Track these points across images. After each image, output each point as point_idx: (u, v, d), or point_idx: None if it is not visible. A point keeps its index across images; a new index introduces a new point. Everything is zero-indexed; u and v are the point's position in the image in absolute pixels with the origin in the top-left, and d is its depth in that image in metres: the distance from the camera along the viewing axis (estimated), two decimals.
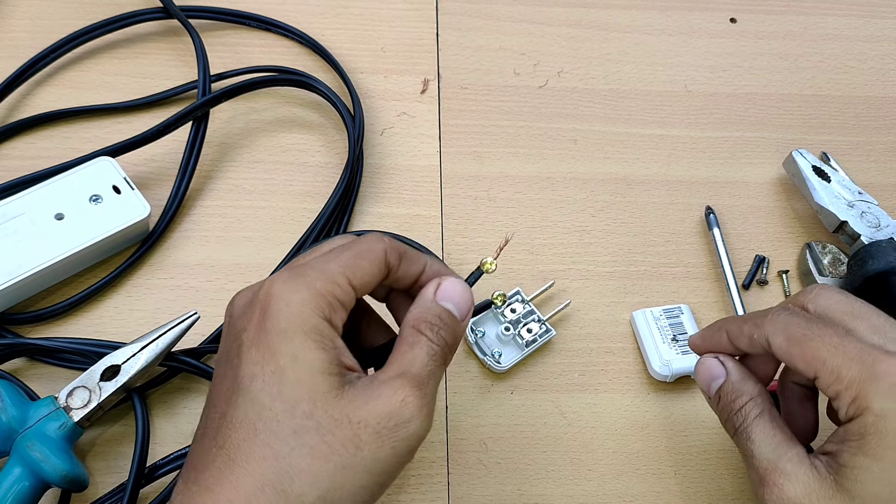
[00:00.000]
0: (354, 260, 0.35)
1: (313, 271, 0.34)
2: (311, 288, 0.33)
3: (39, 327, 0.50)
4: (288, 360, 0.32)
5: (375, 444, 0.32)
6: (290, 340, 0.32)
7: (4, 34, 0.60)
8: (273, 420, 0.32)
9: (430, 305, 0.37)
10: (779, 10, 0.68)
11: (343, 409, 0.32)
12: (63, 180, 0.51)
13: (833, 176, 0.57)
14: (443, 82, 0.62)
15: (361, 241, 0.36)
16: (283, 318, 0.32)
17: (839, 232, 0.56)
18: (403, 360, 0.35)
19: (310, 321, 0.33)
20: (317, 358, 0.32)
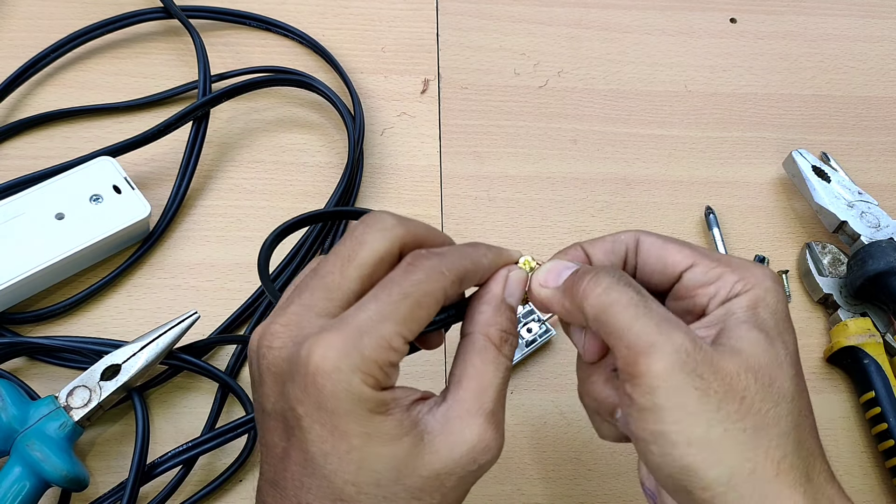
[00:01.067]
0: (412, 313, 0.31)
1: (368, 340, 0.30)
2: (367, 364, 0.30)
3: (40, 327, 0.50)
4: (360, 439, 0.30)
5: (459, 489, 0.32)
6: (357, 420, 0.30)
7: (4, 34, 0.60)
8: (359, 493, 0.31)
9: (502, 307, 0.34)
10: (779, 11, 0.68)
11: (428, 466, 0.31)
12: (63, 180, 0.51)
13: (833, 176, 0.57)
14: (443, 82, 0.62)
15: (420, 282, 0.32)
16: (345, 400, 0.30)
17: (839, 232, 0.56)
18: (479, 386, 0.32)
19: (373, 398, 0.30)
20: (388, 428, 0.31)
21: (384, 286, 0.32)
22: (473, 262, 0.34)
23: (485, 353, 0.33)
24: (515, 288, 0.35)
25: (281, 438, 0.32)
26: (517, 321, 0.35)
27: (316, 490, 0.31)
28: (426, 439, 0.31)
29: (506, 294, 0.35)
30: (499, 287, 0.35)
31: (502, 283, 0.35)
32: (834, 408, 0.53)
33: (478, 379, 0.33)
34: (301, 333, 0.31)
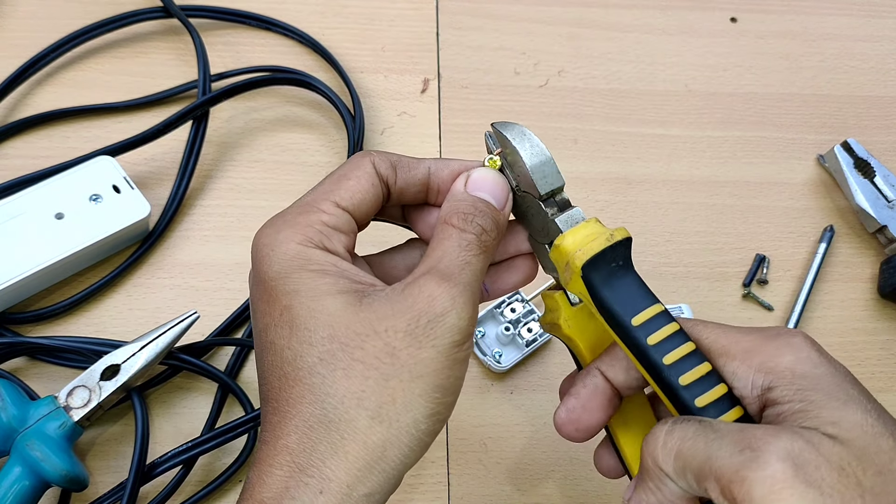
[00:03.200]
0: (337, 183, 0.33)
1: (292, 209, 0.33)
2: (293, 224, 0.32)
3: (40, 326, 0.50)
4: (290, 297, 0.30)
5: (413, 347, 0.30)
6: (285, 279, 0.31)
7: (4, 34, 0.60)
8: (296, 357, 0.30)
9: (462, 197, 0.34)
10: (779, 10, 0.68)
11: (364, 321, 0.30)
12: (63, 179, 0.51)
13: (878, 171, 0.58)
14: (443, 82, 0.62)
15: (345, 164, 0.34)
16: (274, 262, 0.31)
17: (878, 234, 0.57)
18: (430, 258, 0.32)
19: (300, 254, 0.31)
20: (319, 284, 0.30)
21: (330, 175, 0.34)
22: (409, 157, 0.35)
23: (441, 234, 0.33)
24: (479, 183, 0.34)
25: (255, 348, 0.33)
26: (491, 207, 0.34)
27: (267, 373, 0.31)
28: (366, 302, 0.30)
29: (470, 188, 0.34)
30: (458, 184, 0.34)
31: (462, 180, 0.34)
32: None
33: (432, 253, 0.32)
34: None
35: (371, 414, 0.29)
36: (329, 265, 0.31)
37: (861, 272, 0.58)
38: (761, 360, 0.31)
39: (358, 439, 0.29)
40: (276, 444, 0.30)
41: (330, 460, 0.29)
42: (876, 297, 0.57)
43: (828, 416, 0.29)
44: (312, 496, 0.29)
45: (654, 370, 0.32)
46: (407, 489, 0.48)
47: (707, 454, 0.29)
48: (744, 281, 0.56)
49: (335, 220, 0.32)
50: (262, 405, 0.32)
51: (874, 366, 0.55)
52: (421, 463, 0.48)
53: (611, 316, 0.32)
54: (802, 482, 0.27)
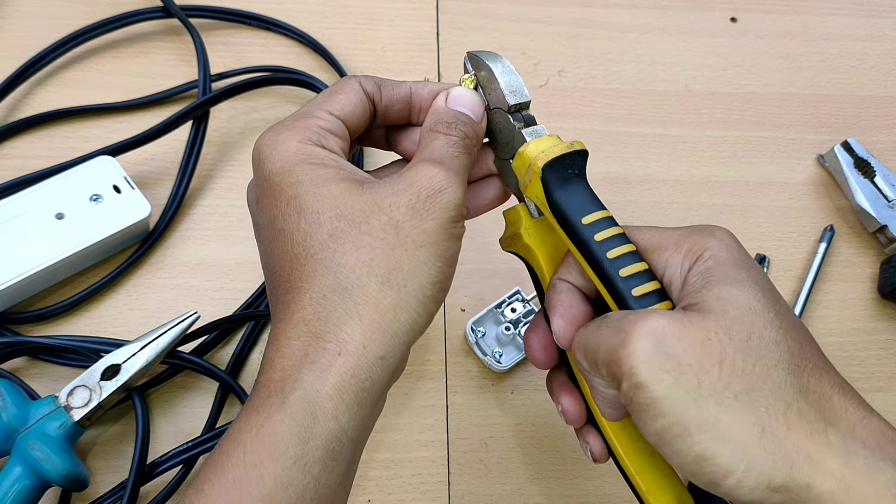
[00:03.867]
0: (328, 97, 0.35)
1: (289, 118, 0.35)
2: (290, 128, 0.34)
3: (40, 326, 0.50)
4: (295, 188, 0.33)
5: (415, 219, 0.32)
6: (289, 173, 0.33)
7: (5, 34, 0.60)
8: (306, 238, 0.32)
9: (444, 110, 0.36)
10: (779, 10, 0.68)
11: (368, 200, 0.32)
12: (63, 179, 0.51)
13: (878, 170, 0.57)
14: (443, 82, 0.62)
15: (333, 85, 0.37)
16: (276, 159, 0.33)
17: (879, 233, 0.57)
18: (422, 153, 0.35)
19: (301, 150, 0.33)
20: (321, 174, 0.33)
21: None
22: (395, 80, 0.37)
23: (429, 137, 0.35)
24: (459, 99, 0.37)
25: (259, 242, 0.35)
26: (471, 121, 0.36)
27: (279, 258, 0.33)
28: (368, 186, 0.33)
29: (450, 104, 0.37)
30: (440, 100, 0.37)
31: (443, 97, 0.37)
32: None
33: (423, 150, 0.35)
34: None
35: (381, 279, 0.31)
36: (329, 159, 0.34)
37: (861, 272, 0.58)
38: (687, 247, 0.34)
39: (371, 303, 0.31)
40: (291, 319, 0.32)
41: (345, 324, 0.31)
42: (876, 297, 0.57)
43: (717, 293, 0.31)
44: (331, 359, 0.31)
45: (599, 265, 0.34)
46: (407, 489, 0.48)
47: (597, 343, 0.32)
48: None
49: (330, 124, 0.35)
50: (272, 293, 0.34)
51: (874, 366, 0.55)
52: (421, 463, 0.49)
53: (563, 216, 0.34)
54: (661, 354, 0.29)
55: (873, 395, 0.54)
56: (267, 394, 0.30)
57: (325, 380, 0.30)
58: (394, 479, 0.48)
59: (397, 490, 0.48)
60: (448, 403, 0.51)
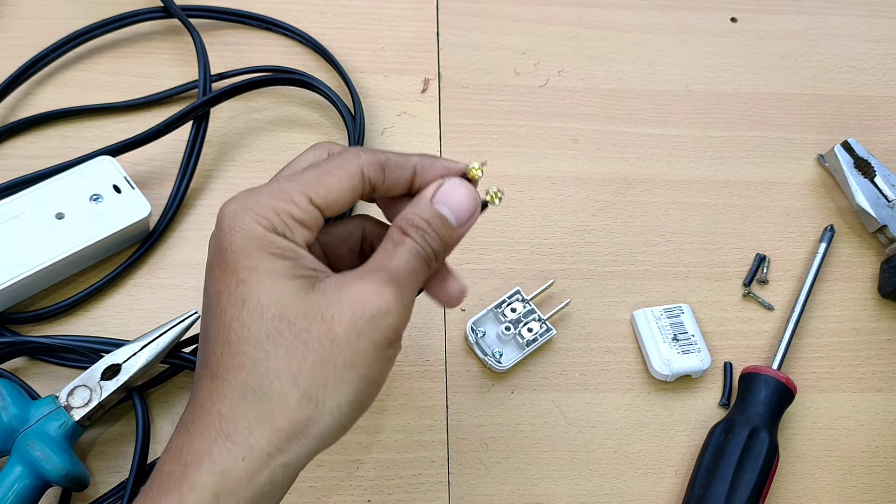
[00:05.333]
0: (318, 177, 0.34)
1: (268, 189, 0.34)
2: (262, 207, 0.33)
3: (40, 326, 0.50)
4: (248, 272, 0.32)
5: (352, 336, 0.32)
6: (246, 255, 0.32)
7: (5, 34, 0.60)
8: (243, 329, 0.32)
9: (423, 207, 0.35)
10: (779, 10, 0.68)
11: (314, 305, 0.32)
12: (63, 179, 0.51)
13: (878, 170, 0.57)
14: (443, 82, 0.62)
15: (334, 158, 0.35)
16: (237, 237, 0.32)
17: (879, 233, 0.57)
18: (382, 257, 0.34)
19: (263, 237, 0.32)
20: (277, 265, 0.32)
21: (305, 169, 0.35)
22: (397, 154, 0.36)
23: (395, 237, 0.35)
24: (447, 197, 0.36)
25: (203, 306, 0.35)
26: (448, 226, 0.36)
27: (212, 338, 0.33)
28: (317, 287, 0.33)
29: (435, 201, 0.35)
30: (427, 191, 0.36)
31: (432, 188, 0.36)
32: None
33: (383, 253, 0.34)
34: None
35: (302, 393, 0.32)
36: (289, 251, 0.33)
37: (861, 272, 0.58)
38: None
39: (286, 414, 0.32)
40: (208, 410, 0.32)
41: (256, 430, 0.31)
42: (876, 297, 0.57)
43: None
44: (234, 462, 0.31)
45: None
46: (407, 489, 0.48)
47: None
48: (744, 281, 0.56)
49: (304, 215, 0.33)
50: (199, 366, 0.34)
51: (874, 366, 0.55)
52: (421, 463, 0.49)
53: None
54: None
55: (873, 395, 0.54)
56: (166, 489, 0.31)
57: (224, 483, 0.31)
58: (394, 479, 0.48)
59: (397, 490, 0.48)
60: (448, 403, 0.51)
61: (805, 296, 0.55)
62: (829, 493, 0.51)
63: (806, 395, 0.53)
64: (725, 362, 0.54)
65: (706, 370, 0.52)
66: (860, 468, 0.52)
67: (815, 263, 0.57)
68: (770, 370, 0.51)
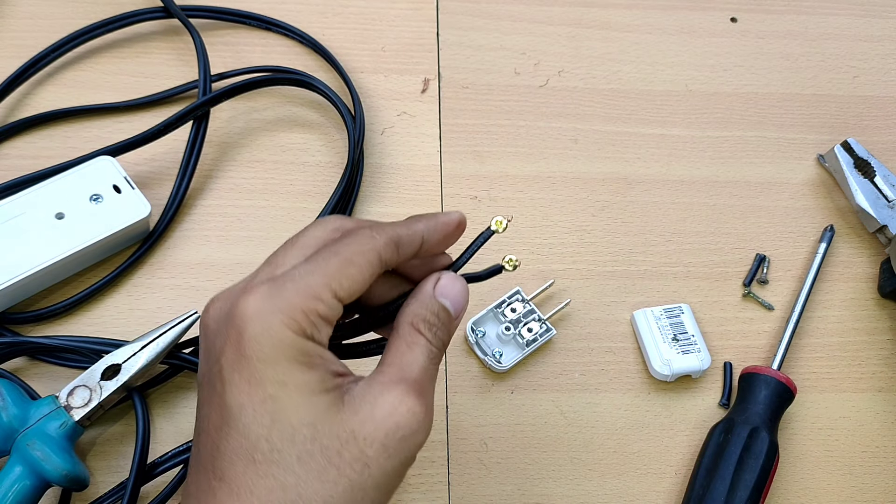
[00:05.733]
0: (341, 269, 0.32)
1: (293, 285, 0.31)
2: (290, 307, 0.31)
3: (40, 326, 0.50)
4: (277, 388, 0.30)
5: (383, 459, 0.31)
6: (274, 366, 0.30)
7: (5, 34, 0.60)
8: (273, 451, 0.30)
9: (429, 302, 0.35)
10: (779, 10, 0.68)
11: (346, 425, 0.31)
12: (63, 180, 0.51)
13: (878, 170, 0.57)
14: (443, 82, 0.62)
15: (351, 242, 0.33)
16: (265, 344, 0.30)
17: (879, 233, 0.57)
18: (402, 363, 0.33)
19: (294, 345, 0.30)
20: (308, 380, 0.31)
21: (319, 251, 0.33)
22: (407, 227, 0.35)
23: (409, 337, 0.34)
24: (446, 290, 0.36)
25: (204, 404, 0.32)
26: (451, 318, 0.36)
27: (231, 452, 0.30)
28: (346, 401, 0.31)
29: (437, 293, 0.35)
30: (428, 285, 0.36)
31: (432, 282, 0.36)
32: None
33: (401, 357, 0.34)
34: (234, 292, 0.32)
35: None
36: (317, 357, 0.31)
37: (861, 272, 0.58)
38: None
39: None
40: None
41: None
42: (876, 297, 0.57)
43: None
44: None
45: None
46: (407, 489, 0.48)
47: None
48: (744, 281, 0.56)
49: (329, 312, 0.32)
50: (205, 472, 0.31)
51: (874, 366, 0.55)
52: (421, 463, 0.49)
53: None
54: None
55: (873, 395, 0.54)
56: None
57: None
58: None
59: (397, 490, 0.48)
60: (448, 403, 0.51)
61: (805, 296, 0.55)
62: (829, 493, 0.51)
63: (806, 395, 0.53)
64: (725, 362, 0.54)
65: (706, 370, 0.52)
66: (860, 468, 0.52)
67: (815, 263, 0.57)
68: (770, 370, 0.51)
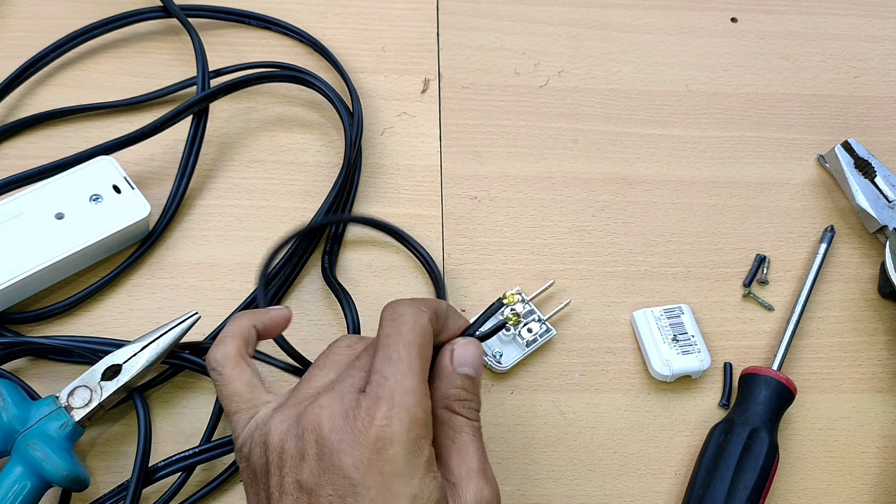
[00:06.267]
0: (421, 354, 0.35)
1: (410, 398, 0.34)
2: (418, 420, 0.34)
3: (40, 327, 0.50)
4: (408, 502, 0.33)
5: None
6: (409, 482, 0.33)
7: (6, 33, 0.60)
8: None
9: (453, 378, 0.37)
10: (780, 10, 0.68)
11: None
12: (63, 180, 0.51)
13: (879, 171, 0.57)
14: (443, 82, 0.62)
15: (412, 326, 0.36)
16: (402, 462, 0.33)
17: (879, 234, 0.57)
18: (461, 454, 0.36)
19: (429, 455, 0.34)
20: (431, 490, 0.33)
21: (386, 345, 0.35)
22: (436, 303, 0.38)
23: (451, 423, 0.37)
24: (463, 358, 0.38)
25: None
26: (476, 383, 0.38)
27: None
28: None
29: (456, 365, 0.38)
30: (445, 359, 0.38)
31: (448, 355, 0.38)
32: None
33: (456, 447, 0.36)
34: (346, 406, 0.34)
35: None
36: (433, 462, 0.35)
37: (861, 272, 0.58)
38: None
39: None
40: None
41: None
42: (876, 297, 0.57)
43: None
44: None
45: None
46: None
47: None
48: (744, 281, 0.56)
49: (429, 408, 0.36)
50: None
51: (874, 366, 0.55)
52: None
53: None
54: None
55: (873, 395, 0.54)
56: None
57: None
58: None
59: None
60: None
61: (805, 296, 0.55)
62: (829, 493, 0.51)
63: (806, 396, 0.53)
64: (725, 363, 0.54)
65: (706, 371, 0.52)
66: (860, 468, 0.52)
67: (815, 264, 0.57)
68: (770, 371, 0.51)
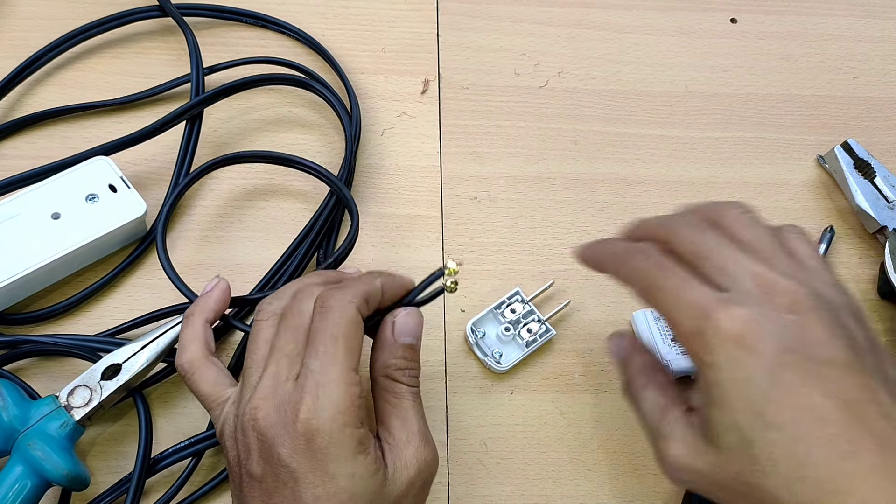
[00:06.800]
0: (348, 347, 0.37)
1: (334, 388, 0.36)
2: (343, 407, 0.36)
3: (39, 327, 0.50)
4: (347, 480, 0.36)
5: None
6: (343, 462, 0.36)
7: (5, 33, 0.60)
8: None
9: (394, 348, 0.40)
10: (779, 11, 0.68)
11: (392, 494, 0.37)
12: (59, 179, 0.51)
13: (878, 171, 0.57)
14: (443, 82, 0.62)
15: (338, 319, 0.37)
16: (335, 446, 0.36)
17: (879, 234, 0.57)
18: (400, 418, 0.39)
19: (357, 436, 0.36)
20: (367, 464, 0.36)
21: (314, 339, 0.37)
22: (368, 284, 0.40)
23: (391, 389, 0.39)
24: (404, 328, 0.40)
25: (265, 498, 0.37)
26: (415, 350, 0.40)
27: None
28: (387, 473, 0.37)
29: (397, 335, 0.40)
30: (387, 331, 0.40)
31: (389, 327, 0.40)
32: None
33: (396, 412, 0.39)
34: (279, 400, 0.37)
35: None
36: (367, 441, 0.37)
37: (861, 272, 0.58)
38: None
39: None
40: None
41: None
42: (876, 298, 0.57)
43: None
44: None
45: None
46: None
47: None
48: None
49: (362, 386, 0.37)
50: None
51: None
52: None
53: None
54: None
55: None
56: None
57: None
58: None
59: None
60: (448, 404, 0.51)
61: None
62: None
63: None
64: None
65: None
66: None
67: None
68: None
